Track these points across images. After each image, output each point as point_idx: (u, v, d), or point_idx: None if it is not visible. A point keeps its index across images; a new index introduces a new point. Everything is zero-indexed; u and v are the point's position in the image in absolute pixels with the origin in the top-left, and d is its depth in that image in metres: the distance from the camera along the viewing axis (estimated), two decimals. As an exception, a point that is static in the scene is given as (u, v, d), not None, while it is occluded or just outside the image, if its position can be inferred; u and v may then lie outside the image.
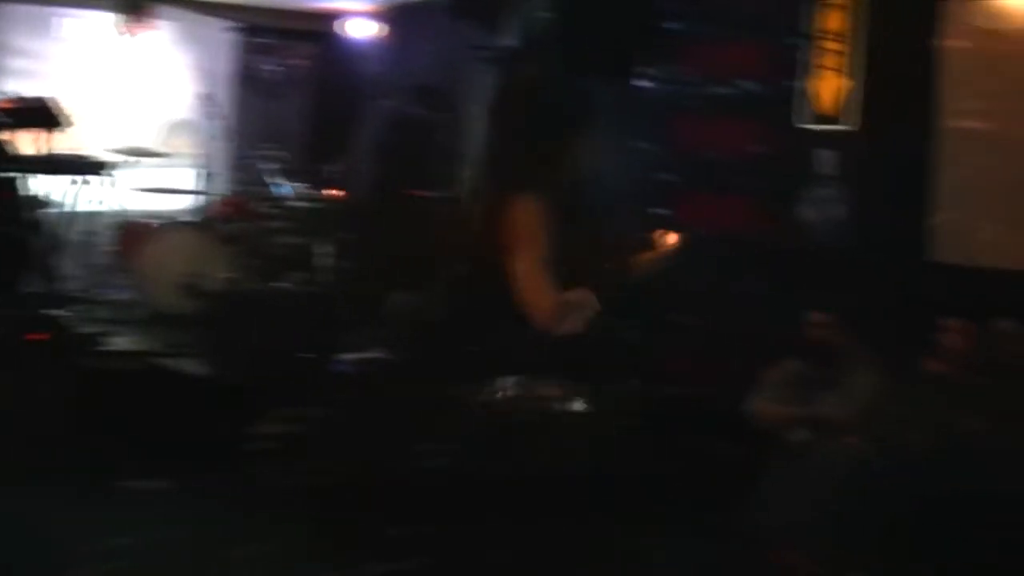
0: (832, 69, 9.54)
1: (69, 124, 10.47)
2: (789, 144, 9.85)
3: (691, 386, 9.08)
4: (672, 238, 7.63)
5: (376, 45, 13.36)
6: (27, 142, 10.42)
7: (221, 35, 13.55)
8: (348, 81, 13.84)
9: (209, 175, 11.89)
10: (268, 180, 11.91)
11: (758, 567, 6.99)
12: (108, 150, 11.50)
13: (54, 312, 9.73)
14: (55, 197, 10.73)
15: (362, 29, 13.38)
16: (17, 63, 12.19)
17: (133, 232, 11.29)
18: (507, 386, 6.99)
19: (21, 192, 10.14)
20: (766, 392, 8.15)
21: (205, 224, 11.40)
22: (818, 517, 7.01)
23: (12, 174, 10.15)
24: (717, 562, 7.06)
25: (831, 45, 9.54)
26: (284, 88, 13.90)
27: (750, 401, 8.12)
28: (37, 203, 10.35)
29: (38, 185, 10.37)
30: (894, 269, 9.02)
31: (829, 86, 9.55)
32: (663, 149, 10.99)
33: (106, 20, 12.63)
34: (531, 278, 5.76)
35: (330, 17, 13.55)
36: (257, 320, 9.83)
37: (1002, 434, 7.06)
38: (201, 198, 12.07)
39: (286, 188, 11.72)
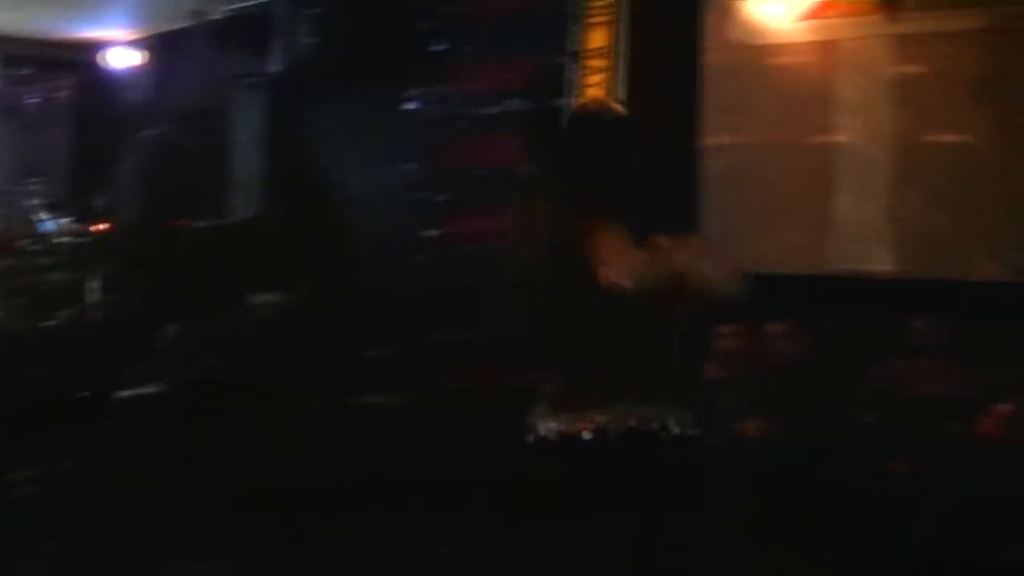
0: (597, 87, 9.67)
1: None
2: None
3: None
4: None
5: (139, 74, 13.16)
6: None
7: (-21, 67, 13.23)
8: (111, 111, 13.61)
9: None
10: (31, 215, 11.62)
11: None
12: None
13: None
14: None
15: (124, 58, 13.15)
16: None
17: None
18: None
19: None
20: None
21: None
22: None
23: None
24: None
25: (595, 63, 9.67)
26: (46, 119, 13.59)
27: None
28: None
29: None
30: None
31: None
32: (433, 168, 11.03)
33: None
34: None
35: (91, 46, 13.30)
36: (23, 358, 9.61)
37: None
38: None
39: (51, 223, 11.45)
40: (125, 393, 9.15)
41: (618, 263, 4.47)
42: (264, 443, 8.69)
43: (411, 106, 11.23)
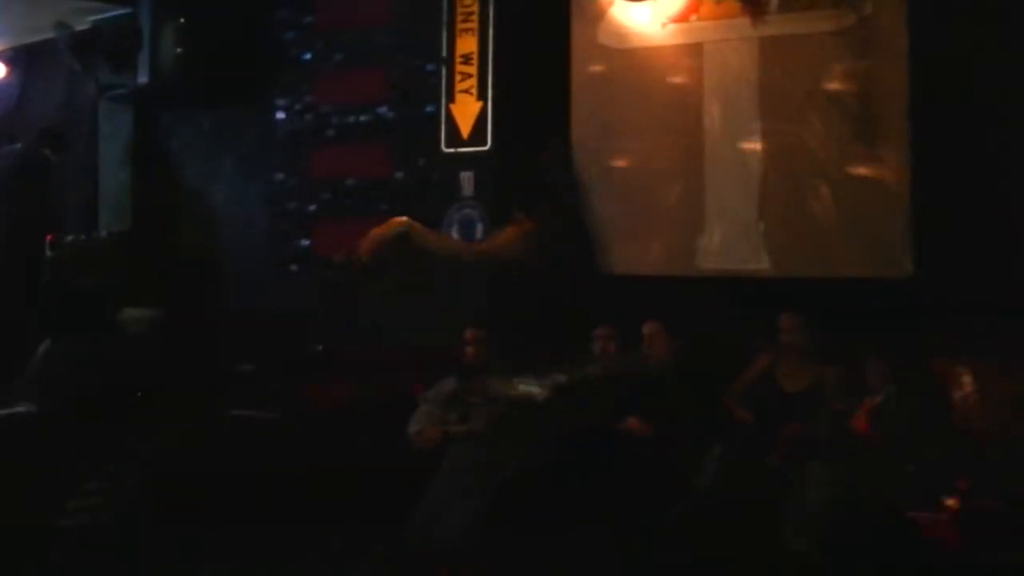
0: (467, 92, 9.70)
1: None
2: (429, 167, 9.98)
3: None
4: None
5: (1, 86, 12.94)
6: None
7: None
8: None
9: None
10: None
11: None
12: None
13: None
14: None
15: (-16, 72, 12.94)
16: None
17: None
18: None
19: None
20: (422, 411, 8.24)
21: None
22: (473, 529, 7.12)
23: None
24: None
25: (465, 69, 9.70)
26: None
27: (409, 420, 8.21)
28: None
29: None
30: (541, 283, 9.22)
31: (465, 109, 9.69)
32: (298, 178, 10.99)
33: None
34: None
35: (-50, 59, 13.06)
36: None
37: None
38: None
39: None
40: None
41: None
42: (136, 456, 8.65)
43: (278, 116, 11.17)
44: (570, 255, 6.10)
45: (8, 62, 12.87)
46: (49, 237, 11.44)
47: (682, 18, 9.14)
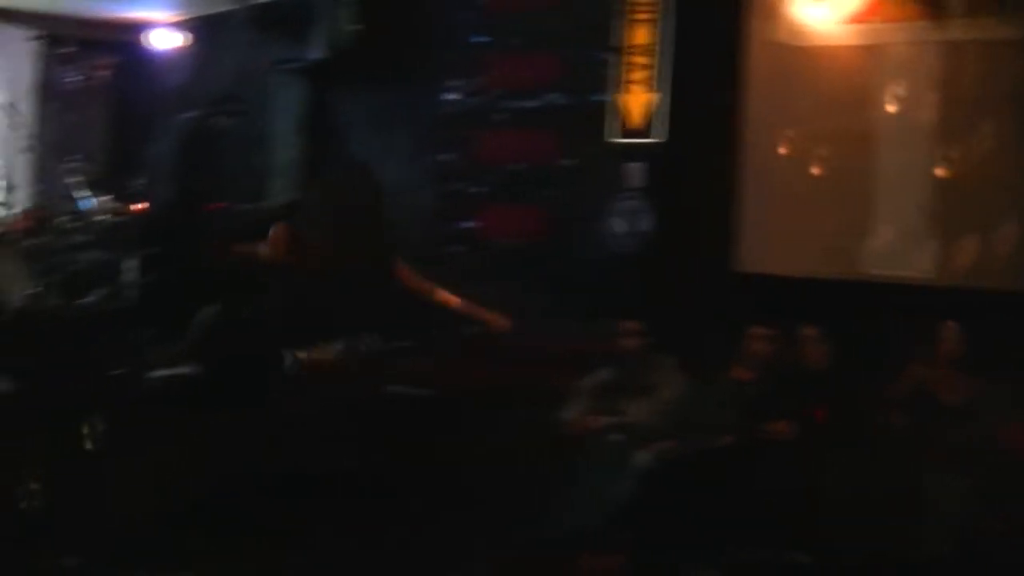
0: (640, 83, 9.67)
1: None
2: (597, 157, 9.97)
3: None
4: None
5: (180, 56, 13.19)
6: None
7: (23, 44, 13.25)
8: (151, 92, 13.66)
9: (9, 187, 11.61)
10: (71, 193, 11.66)
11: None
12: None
13: None
14: None
15: (166, 40, 13.20)
16: None
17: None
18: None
19: None
20: (576, 401, 8.24)
21: (4, 237, 11.13)
22: (622, 520, 7.13)
23: None
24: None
25: (639, 60, 9.67)
26: (88, 99, 13.64)
27: (562, 410, 8.22)
28: None
29: None
30: (699, 279, 9.19)
31: (637, 100, 9.67)
32: (465, 161, 11.05)
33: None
34: None
35: (134, 27, 13.34)
36: (58, 335, 9.64)
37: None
38: (2, 211, 11.77)
39: (89, 201, 11.49)
40: (156, 373, 9.18)
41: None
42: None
43: (447, 96, 11.24)
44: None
45: (188, 32, 13.13)
46: (217, 205, 11.67)
47: (861, 18, 9.01)
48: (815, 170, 9.16)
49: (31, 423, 7.85)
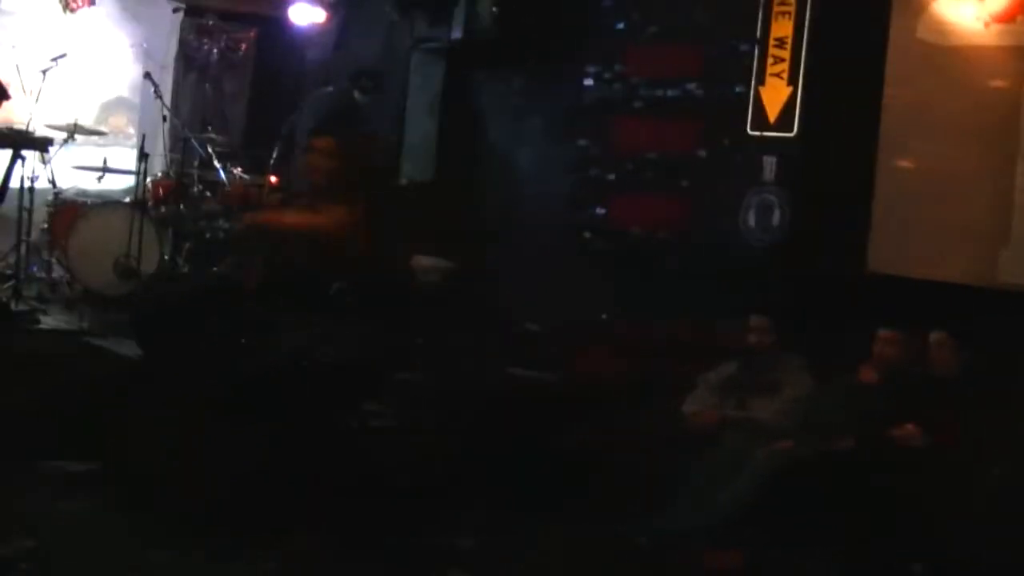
0: (780, 76, 9.58)
1: (7, 98, 10.33)
2: (734, 149, 9.91)
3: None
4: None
5: (319, 31, 13.29)
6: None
7: (164, 15, 13.43)
8: (291, 67, 13.78)
9: (146, 155, 11.77)
10: (206, 163, 11.80)
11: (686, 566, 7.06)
12: (46, 126, 11.37)
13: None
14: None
15: (306, 14, 13.30)
16: (-43, 36, 12.05)
17: (67, 210, 11.16)
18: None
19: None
20: (700, 394, 8.21)
21: (140, 205, 11.30)
22: (745, 516, 7.09)
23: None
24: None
25: (780, 52, 9.58)
26: (226, 71, 13.79)
27: (684, 402, 8.19)
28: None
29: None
30: (831, 277, 9.11)
31: (777, 93, 9.58)
32: (602, 148, 11.02)
33: (49, -5, 12.53)
34: None
35: (275, 1, 13.45)
36: (190, 303, 9.75)
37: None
38: (137, 179, 11.94)
39: (224, 172, 11.62)
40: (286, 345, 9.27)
41: None
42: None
43: (586, 82, 11.21)
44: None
45: (329, 8, 13.21)
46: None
47: (1008, 18, 8.82)
48: (954, 172, 9.00)
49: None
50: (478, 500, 7.70)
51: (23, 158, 10.49)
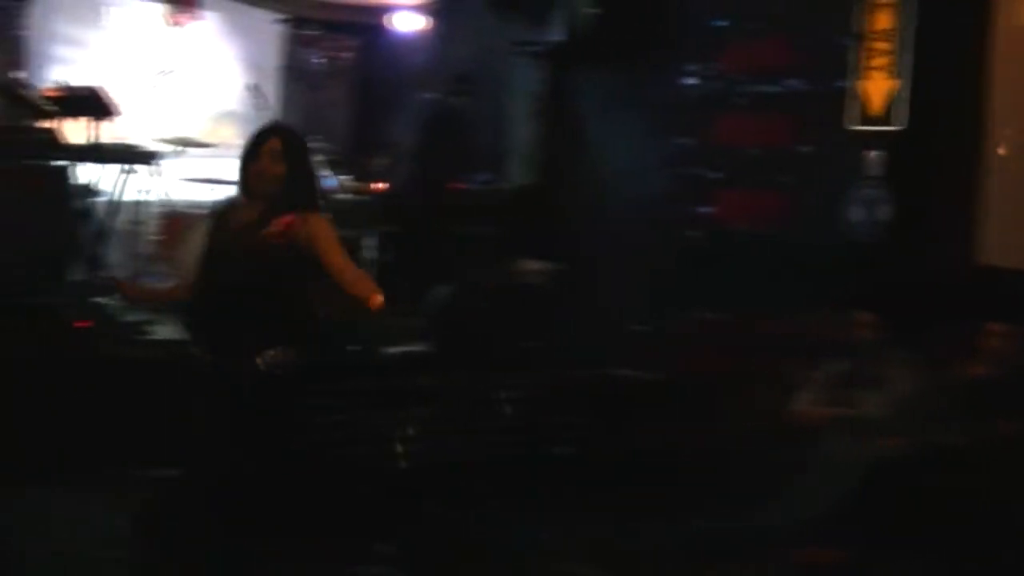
0: (881, 69, 9.51)
1: (116, 113, 10.51)
2: (835, 143, 9.85)
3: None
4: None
5: (422, 38, 13.38)
6: (75, 131, 10.47)
7: (268, 27, 13.60)
8: (394, 73, 13.86)
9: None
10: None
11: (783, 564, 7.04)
12: (154, 140, 11.55)
13: (98, 300, 9.78)
14: (102, 186, 10.78)
15: (408, 22, 13.40)
16: (65, 52, 12.23)
17: (178, 222, 11.32)
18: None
19: (69, 180, 10.19)
20: (807, 391, 8.16)
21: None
22: (848, 514, 7.04)
23: (60, 162, 10.20)
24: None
25: (880, 45, 9.51)
26: (330, 80, 13.93)
27: (793, 400, 8.14)
28: (84, 191, 10.39)
29: (85, 173, 10.41)
30: (938, 271, 9.03)
31: (877, 86, 9.51)
32: (702, 145, 11.00)
33: (154, 10, 12.69)
34: None
35: (376, 10, 13.57)
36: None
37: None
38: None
39: (331, 180, 11.73)
40: (391, 351, 9.36)
41: None
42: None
43: (685, 80, 11.20)
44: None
45: (429, 14, 13.30)
46: (455, 185, 11.82)
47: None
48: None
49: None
50: (584, 496, 7.74)
51: (134, 172, 10.67)
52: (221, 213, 5.78)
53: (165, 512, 5.47)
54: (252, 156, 5.61)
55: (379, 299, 5.31)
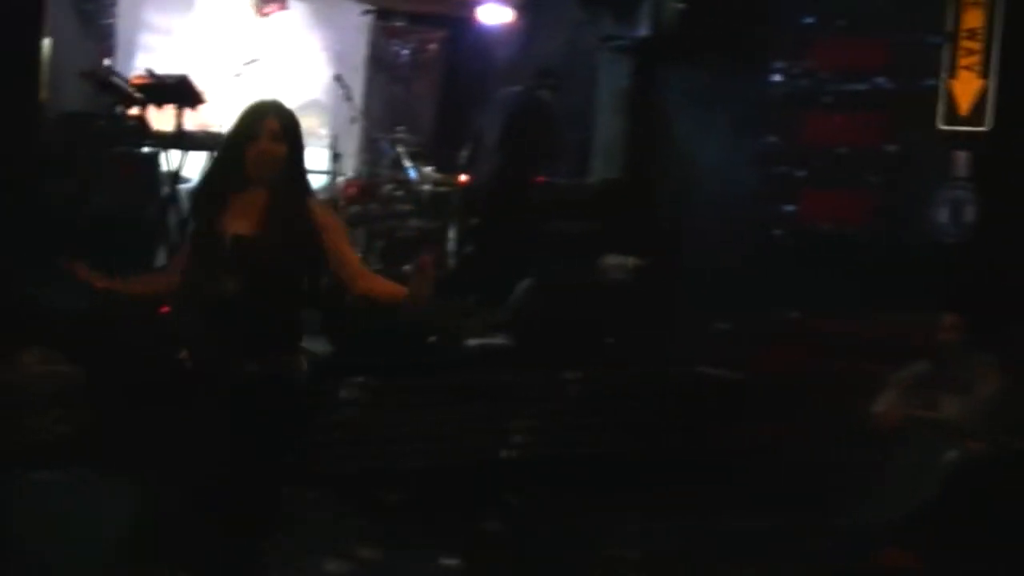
0: (971, 69, 9.42)
1: (203, 102, 10.58)
2: (925, 143, 9.77)
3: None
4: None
5: (508, 30, 13.36)
6: (162, 119, 10.56)
7: (354, 18, 13.62)
8: (479, 66, 13.86)
9: (338, 156, 11.97)
10: (397, 163, 11.96)
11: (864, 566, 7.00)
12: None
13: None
14: (188, 173, 10.86)
15: (495, 14, 13.39)
16: (154, 40, 12.33)
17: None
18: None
19: (157, 167, 10.28)
20: (889, 393, 8.09)
21: (332, 205, 11.48)
22: (927, 517, 6.99)
23: (148, 150, 10.29)
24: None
25: (970, 45, 9.41)
26: (416, 72, 13.94)
27: (874, 401, 8.08)
28: (172, 178, 10.48)
29: (172, 161, 10.50)
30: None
31: (967, 86, 9.42)
32: (790, 143, 10.94)
33: (241, 0, 12.78)
34: None
35: (464, 2, 13.56)
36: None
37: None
38: (329, 179, 12.16)
39: (414, 171, 11.77)
40: (471, 343, 9.39)
41: None
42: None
43: (773, 78, 11.14)
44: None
45: (516, 8, 13.29)
46: (539, 179, 11.81)
47: None
48: None
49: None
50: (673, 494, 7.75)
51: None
52: (209, 200, 5.18)
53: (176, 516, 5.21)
54: (249, 136, 5.05)
55: (404, 290, 4.88)
